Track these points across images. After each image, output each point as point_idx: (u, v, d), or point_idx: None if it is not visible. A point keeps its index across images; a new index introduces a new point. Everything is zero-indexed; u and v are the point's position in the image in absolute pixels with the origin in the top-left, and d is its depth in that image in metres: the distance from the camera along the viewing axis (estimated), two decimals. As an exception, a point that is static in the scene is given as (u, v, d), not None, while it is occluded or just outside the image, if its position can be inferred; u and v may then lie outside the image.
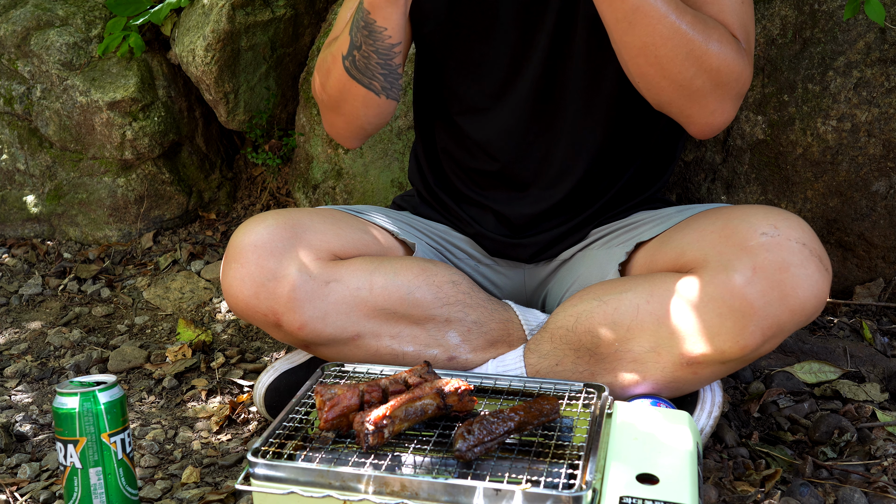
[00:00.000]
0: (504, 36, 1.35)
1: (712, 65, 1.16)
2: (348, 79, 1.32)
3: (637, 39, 1.15)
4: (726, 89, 1.19)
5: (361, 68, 1.30)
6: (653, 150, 1.43)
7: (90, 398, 1.12)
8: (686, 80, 1.17)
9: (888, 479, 1.19)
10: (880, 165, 1.62)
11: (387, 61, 1.29)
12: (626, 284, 1.24)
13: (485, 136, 1.41)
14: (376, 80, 1.31)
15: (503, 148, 1.41)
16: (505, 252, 1.49)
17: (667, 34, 1.13)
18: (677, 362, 1.18)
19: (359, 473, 0.94)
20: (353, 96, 1.34)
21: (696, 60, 1.15)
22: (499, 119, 1.39)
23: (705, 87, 1.17)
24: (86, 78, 2.21)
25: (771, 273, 1.10)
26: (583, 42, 1.30)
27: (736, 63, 1.17)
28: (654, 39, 1.14)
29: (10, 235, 2.38)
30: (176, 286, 2.07)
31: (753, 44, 1.25)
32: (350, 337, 1.29)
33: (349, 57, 1.30)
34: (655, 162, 1.45)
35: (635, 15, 1.12)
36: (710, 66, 1.16)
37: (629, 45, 1.17)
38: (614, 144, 1.39)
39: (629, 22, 1.13)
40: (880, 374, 1.49)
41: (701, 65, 1.15)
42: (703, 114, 1.21)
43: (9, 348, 1.88)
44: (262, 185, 2.40)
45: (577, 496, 0.88)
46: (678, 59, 1.15)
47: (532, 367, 1.29)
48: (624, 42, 1.17)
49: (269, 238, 1.25)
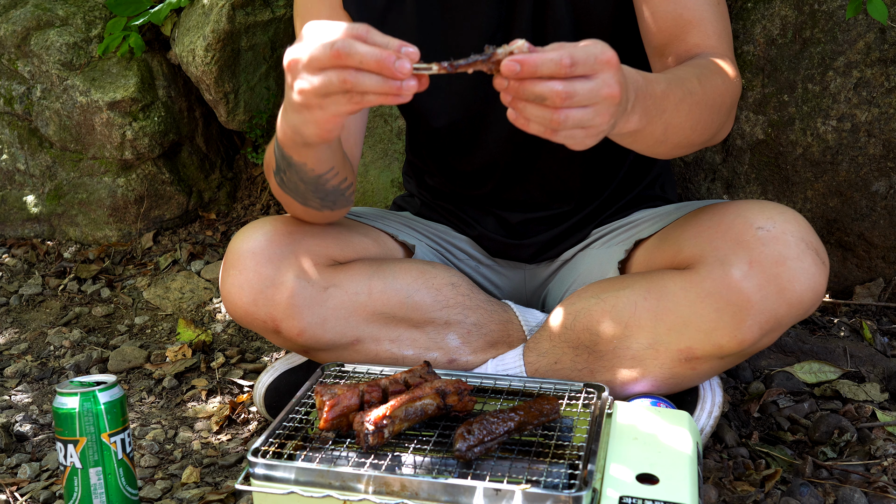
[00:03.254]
0: None
1: (726, 106, 1.15)
2: (283, 194, 1.23)
3: (669, 146, 1.10)
4: (734, 109, 1.21)
5: (292, 189, 1.19)
6: None
7: (90, 398, 1.12)
8: (712, 135, 1.16)
9: (888, 479, 1.19)
10: (880, 165, 1.62)
11: (318, 187, 1.18)
12: (624, 282, 1.24)
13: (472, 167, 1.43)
14: (312, 201, 1.22)
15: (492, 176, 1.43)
16: (506, 252, 1.49)
17: (694, 125, 1.09)
18: (675, 358, 1.18)
19: (359, 473, 0.94)
20: (294, 207, 1.26)
21: (717, 115, 1.14)
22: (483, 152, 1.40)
23: (722, 121, 1.17)
24: (86, 78, 2.21)
25: (768, 267, 1.10)
26: None
27: (736, 86, 1.17)
28: (685, 136, 1.10)
29: (10, 235, 2.38)
30: (176, 286, 2.07)
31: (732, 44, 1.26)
32: (349, 342, 1.29)
33: (278, 175, 1.18)
34: None
35: (667, 134, 1.06)
36: (725, 108, 1.15)
37: (661, 153, 1.13)
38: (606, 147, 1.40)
39: (661, 142, 1.08)
40: (880, 374, 1.49)
41: (721, 114, 1.15)
42: (718, 139, 1.22)
43: (9, 348, 1.88)
44: (262, 185, 2.40)
45: (577, 496, 0.88)
46: (707, 130, 1.13)
47: (531, 365, 1.29)
48: (657, 152, 1.12)
49: (267, 244, 1.25)
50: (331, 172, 1.17)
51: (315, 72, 0.88)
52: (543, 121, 0.85)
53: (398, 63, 0.83)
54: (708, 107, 1.10)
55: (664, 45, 1.21)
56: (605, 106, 0.86)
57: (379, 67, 0.84)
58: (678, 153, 1.15)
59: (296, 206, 1.25)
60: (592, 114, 0.85)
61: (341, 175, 1.20)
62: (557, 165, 1.40)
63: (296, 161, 1.12)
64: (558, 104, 0.83)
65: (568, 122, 0.84)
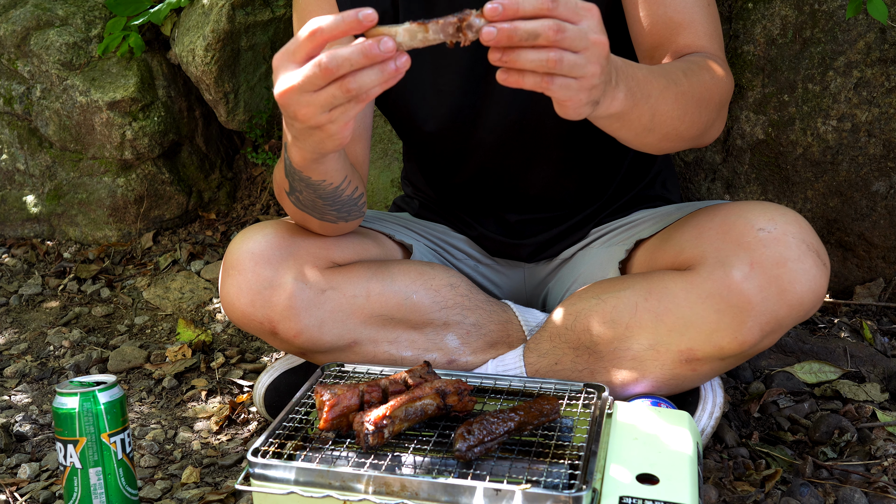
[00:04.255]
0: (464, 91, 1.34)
1: (714, 102, 1.15)
2: (298, 211, 1.25)
3: (657, 136, 1.11)
4: (725, 108, 1.21)
5: (309, 206, 1.22)
6: None
7: (90, 398, 1.12)
8: (702, 131, 1.16)
9: (888, 479, 1.19)
10: (880, 165, 1.62)
11: (335, 200, 1.21)
12: (625, 282, 1.24)
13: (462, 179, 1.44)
14: (329, 214, 1.24)
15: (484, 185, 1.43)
16: (504, 252, 1.49)
17: (681, 115, 1.10)
18: (676, 359, 1.18)
19: (359, 473, 0.94)
20: (309, 221, 1.27)
21: (705, 110, 1.14)
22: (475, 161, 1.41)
23: (711, 118, 1.17)
24: (86, 78, 2.21)
25: (768, 268, 1.10)
26: None
27: (726, 84, 1.17)
28: (674, 126, 1.10)
29: (10, 235, 2.38)
30: (176, 286, 2.07)
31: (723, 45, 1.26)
32: (347, 344, 1.29)
33: (293, 195, 1.21)
34: None
35: (654, 122, 1.07)
36: (713, 104, 1.15)
37: (650, 145, 1.13)
38: (604, 151, 1.40)
39: (649, 129, 1.08)
40: (880, 374, 1.49)
41: (709, 110, 1.15)
42: (709, 138, 1.22)
43: (9, 348, 1.88)
44: (262, 185, 2.40)
45: (577, 496, 0.88)
46: (694, 123, 1.13)
47: (531, 366, 1.29)
48: (644, 143, 1.13)
49: (266, 247, 1.25)
50: (345, 182, 1.19)
51: (314, 93, 0.88)
52: (538, 64, 0.84)
53: (382, 46, 0.84)
54: (695, 99, 1.10)
55: (654, 48, 1.21)
56: (596, 53, 0.86)
57: (370, 59, 0.84)
58: (667, 146, 1.15)
59: (312, 221, 1.26)
60: (584, 60, 0.85)
61: (353, 184, 1.22)
62: (552, 172, 1.40)
63: (314, 180, 1.14)
64: (551, 38, 0.83)
65: (563, 63, 0.84)
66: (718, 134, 1.24)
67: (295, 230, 1.29)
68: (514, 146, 1.37)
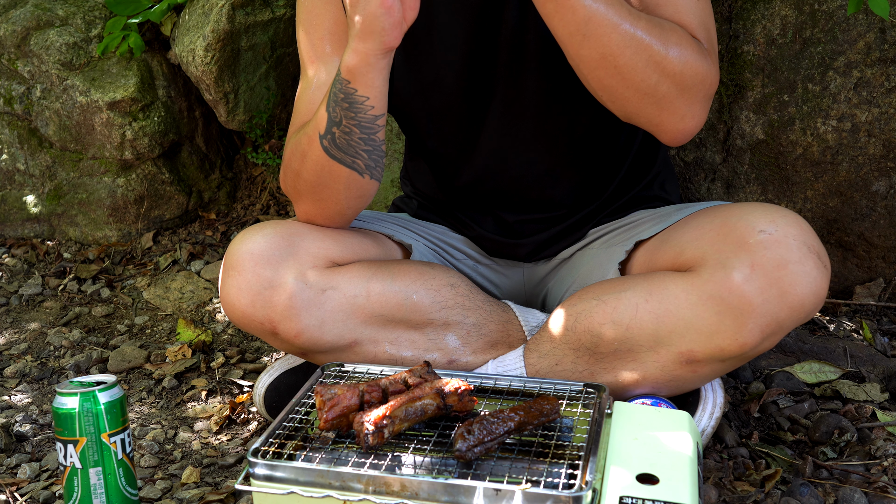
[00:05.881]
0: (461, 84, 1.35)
1: (675, 69, 1.12)
2: (328, 160, 1.25)
3: (593, 52, 1.11)
4: (692, 93, 1.16)
5: (343, 146, 1.23)
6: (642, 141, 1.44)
7: (90, 398, 1.12)
8: (650, 88, 1.13)
9: (888, 479, 1.19)
10: (880, 165, 1.62)
11: (370, 136, 1.23)
12: (626, 283, 1.24)
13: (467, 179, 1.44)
14: (360, 157, 1.24)
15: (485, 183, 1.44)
16: (503, 251, 1.49)
17: (623, 42, 1.10)
18: (676, 361, 1.18)
19: (359, 473, 0.94)
20: (333, 178, 1.26)
21: (658, 66, 1.12)
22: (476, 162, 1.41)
23: (671, 92, 1.14)
24: (86, 78, 2.21)
25: (769, 270, 1.10)
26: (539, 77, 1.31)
27: (699, 65, 1.14)
28: (610, 49, 1.10)
29: (10, 235, 2.38)
30: (176, 286, 2.07)
31: (716, 43, 1.22)
32: (347, 344, 1.29)
33: (328, 135, 1.23)
34: (645, 151, 1.45)
35: (588, 26, 1.08)
36: (672, 70, 1.12)
37: (586, 59, 1.13)
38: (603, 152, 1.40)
39: (583, 35, 1.09)
40: (880, 374, 1.49)
41: (663, 70, 1.12)
42: (672, 120, 1.18)
43: (9, 348, 1.88)
44: (262, 185, 2.40)
45: (577, 496, 0.88)
46: (639, 66, 1.11)
47: (532, 366, 1.29)
48: (581, 56, 1.13)
49: (266, 247, 1.25)
50: (382, 118, 1.22)
51: None
52: None
53: None
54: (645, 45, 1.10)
55: None
56: None
57: None
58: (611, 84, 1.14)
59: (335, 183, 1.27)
60: None
61: (384, 129, 1.25)
62: (551, 178, 1.40)
63: (359, 95, 1.18)
64: None
65: None
66: (692, 126, 1.19)
67: (294, 229, 1.29)
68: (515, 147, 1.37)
